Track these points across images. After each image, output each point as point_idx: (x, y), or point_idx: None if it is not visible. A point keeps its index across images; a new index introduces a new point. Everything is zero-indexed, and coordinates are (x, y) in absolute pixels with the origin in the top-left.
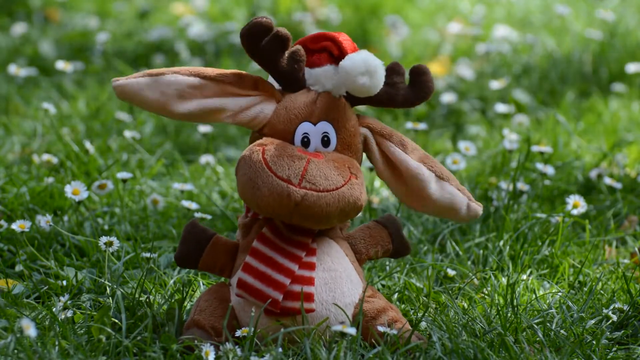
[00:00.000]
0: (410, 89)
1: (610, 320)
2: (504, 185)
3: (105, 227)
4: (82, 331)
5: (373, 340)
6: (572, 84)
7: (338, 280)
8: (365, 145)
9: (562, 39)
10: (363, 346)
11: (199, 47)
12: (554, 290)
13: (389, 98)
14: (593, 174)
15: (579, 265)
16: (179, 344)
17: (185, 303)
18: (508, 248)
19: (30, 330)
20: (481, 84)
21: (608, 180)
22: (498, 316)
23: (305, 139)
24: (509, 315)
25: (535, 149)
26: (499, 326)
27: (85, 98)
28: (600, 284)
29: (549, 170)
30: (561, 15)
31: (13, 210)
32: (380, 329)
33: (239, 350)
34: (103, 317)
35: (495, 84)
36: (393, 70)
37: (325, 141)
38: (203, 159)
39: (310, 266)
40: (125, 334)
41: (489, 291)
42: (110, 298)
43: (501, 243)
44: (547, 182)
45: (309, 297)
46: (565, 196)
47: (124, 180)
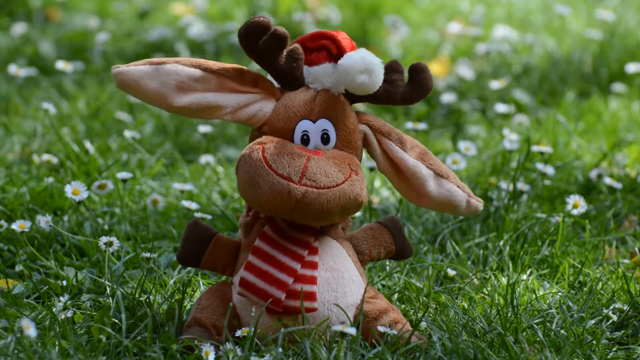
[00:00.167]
0: (409, 86)
1: (610, 320)
2: (504, 185)
3: (105, 227)
4: (82, 331)
5: (374, 341)
6: (572, 84)
7: (340, 281)
8: (365, 142)
9: (562, 39)
10: (364, 346)
11: (199, 47)
12: (554, 290)
13: (387, 96)
14: (593, 174)
15: (579, 265)
16: (179, 343)
17: (185, 303)
18: (508, 248)
19: (30, 330)
20: (481, 84)
21: (608, 180)
22: (498, 316)
23: (304, 137)
24: (509, 315)
25: (535, 149)
26: (499, 326)
27: (85, 98)
28: (600, 284)
29: (549, 170)
30: (561, 15)
31: (13, 210)
32: (381, 329)
33: (239, 350)
34: (103, 317)
35: (495, 84)
36: (392, 68)
37: (324, 138)
38: (203, 159)
39: (313, 265)
40: (125, 334)
41: (489, 291)
42: (110, 298)
43: (501, 243)
44: (547, 182)
45: (311, 296)
46: (565, 196)
47: (124, 180)
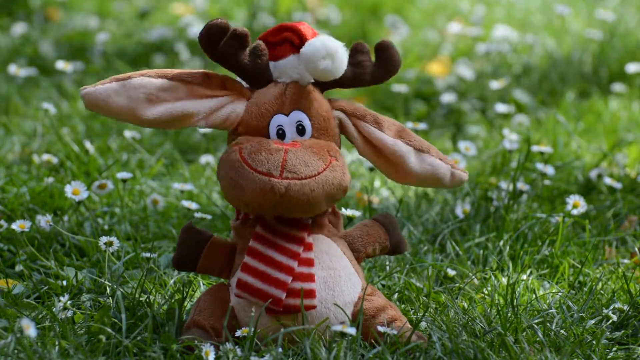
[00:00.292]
0: (377, 65)
1: (610, 320)
2: (504, 185)
3: (105, 227)
4: (82, 331)
5: (372, 340)
6: (572, 84)
7: (337, 279)
8: (341, 128)
9: (562, 39)
10: (363, 346)
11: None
12: (554, 290)
13: (356, 77)
14: (593, 174)
15: (579, 265)
16: (179, 344)
17: (186, 303)
18: (508, 248)
19: (30, 330)
20: (481, 84)
21: (608, 180)
22: (498, 316)
23: (280, 131)
24: (509, 315)
25: (535, 149)
26: (499, 326)
27: None
28: (600, 284)
29: (549, 170)
30: (561, 15)
31: (13, 210)
32: (381, 329)
33: (239, 350)
34: (103, 317)
35: (495, 84)
36: (357, 50)
37: (300, 130)
38: (203, 159)
39: (309, 262)
40: (125, 334)
41: (489, 291)
42: (110, 298)
43: (501, 243)
44: (547, 182)
45: (310, 294)
46: (565, 196)
47: (124, 180)
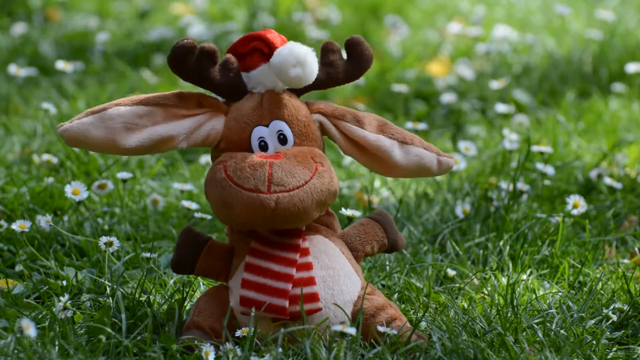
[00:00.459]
0: (349, 62)
1: (610, 320)
2: (504, 185)
3: (105, 227)
4: (82, 331)
5: (372, 340)
6: (572, 84)
7: (336, 278)
8: (323, 130)
9: (562, 39)
10: (363, 346)
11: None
12: (554, 290)
13: (330, 78)
14: (593, 174)
15: (579, 265)
16: (179, 344)
17: (186, 303)
18: (508, 248)
19: (30, 330)
20: (481, 84)
21: (608, 180)
22: (498, 316)
23: (262, 143)
24: (509, 315)
25: (535, 149)
26: (499, 326)
27: (85, 98)
28: (600, 284)
29: (549, 170)
30: (561, 15)
31: (13, 210)
32: (381, 329)
33: (239, 350)
34: (103, 317)
35: (495, 84)
36: (327, 49)
37: (282, 139)
38: (203, 159)
39: (308, 266)
40: (125, 334)
41: (489, 291)
42: (110, 298)
43: (501, 243)
44: (547, 182)
45: (314, 297)
46: (565, 196)
47: (124, 180)
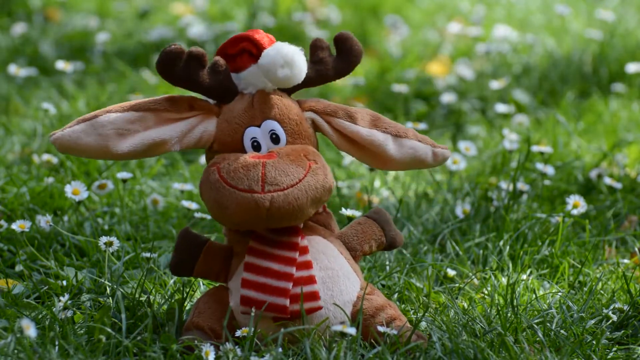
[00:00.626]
0: (339, 58)
1: (610, 320)
2: (504, 185)
3: (105, 227)
4: (82, 331)
5: (372, 340)
6: (572, 84)
7: (335, 279)
8: (315, 127)
9: (562, 39)
10: (363, 346)
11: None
12: (554, 290)
13: (320, 75)
14: (593, 174)
15: (579, 265)
16: (179, 344)
17: (186, 303)
18: (508, 248)
19: (30, 330)
20: (481, 84)
21: (608, 180)
22: (498, 316)
23: (255, 143)
24: (509, 315)
25: (535, 149)
26: (499, 326)
27: (85, 98)
28: (600, 284)
29: (549, 170)
30: (561, 15)
31: (13, 210)
32: (381, 329)
33: (239, 350)
34: (103, 317)
35: (495, 84)
36: (316, 47)
37: (274, 138)
38: (203, 159)
39: (308, 265)
40: (125, 334)
41: (489, 291)
42: (110, 298)
43: (501, 243)
44: (547, 182)
45: (314, 296)
46: (565, 196)
47: (124, 180)
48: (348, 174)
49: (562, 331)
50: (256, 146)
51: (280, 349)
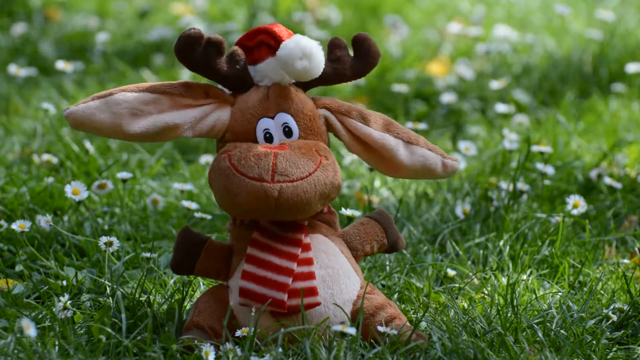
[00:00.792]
0: (357, 59)
1: (610, 320)
2: (504, 185)
3: (105, 227)
4: (82, 331)
5: (372, 340)
6: (572, 84)
7: (335, 278)
8: (328, 126)
9: (562, 39)
10: (363, 346)
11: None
12: (554, 290)
13: (337, 74)
14: (593, 174)
15: (579, 265)
16: (179, 344)
17: (185, 303)
18: (508, 248)
19: (30, 330)
20: (481, 84)
21: (608, 180)
22: (498, 316)
23: (267, 135)
24: (509, 315)
25: (535, 149)
26: (499, 326)
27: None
28: (600, 284)
29: (549, 170)
30: (561, 15)
31: (13, 210)
32: (381, 329)
33: (239, 350)
34: (103, 317)
35: (495, 84)
36: (335, 45)
37: (287, 132)
38: (203, 159)
39: (309, 262)
40: (125, 334)
41: (489, 291)
42: (110, 298)
43: (501, 243)
44: (547, 182)
45: (313, 291)
46: (565, 196)
47: (124, 180)
48: (348, 173)
49: (562, 331)
50: (268, 138)
51: (280, 349)
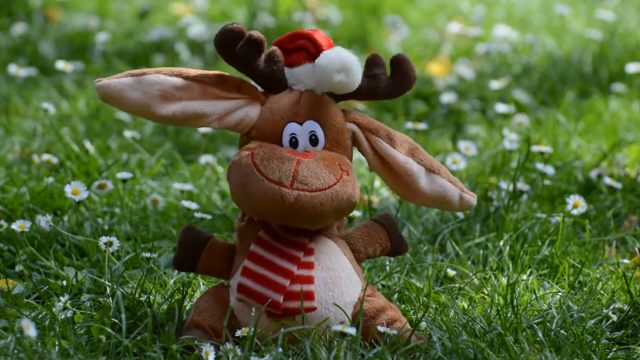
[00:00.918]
0: (392, 80)
1: (610, 320)
2: (504, 185)
3: (105, 227)
4: (82, 331)
5: (372, 340)
6: (572, 84)
7: (337, 280)
8: (354, 141)
9: (562, 39)
10: (363, 346)
11: (199, 47)
12: (554, 290)
13: (370, 91)
14: (593, 174)
15: (579, 265)
16: (179, 344)
17: (185, 303)
18: (508, 248)
19: (30, 330)
20: (481, 84)
21: (608, 180)
22: (498, 316)
23: (293, 140)
24: (509, 315)
25: (535, 149)
26: (499, 326)
27: (85, 98)
28: (600, 284)
29: (549, 170)
30: (561, 15)
31: (13, 210)
32: (381, 329)
33: (239, 350)
34: (103, 317)
35: (495, 84)
36: (373, 62)
37: (313, 140)
38: (203, 159)
39: (309, 265)
40: (125, 334)
41: (489, 291)
42: (110, 298)
43: (501, 243)
44: (547, 182)
45: (309, 296)
46: (565, 196)
47: (124, 180)
48: None
49: (562, 331)
50: (294, 142)
51: (280, 349)
